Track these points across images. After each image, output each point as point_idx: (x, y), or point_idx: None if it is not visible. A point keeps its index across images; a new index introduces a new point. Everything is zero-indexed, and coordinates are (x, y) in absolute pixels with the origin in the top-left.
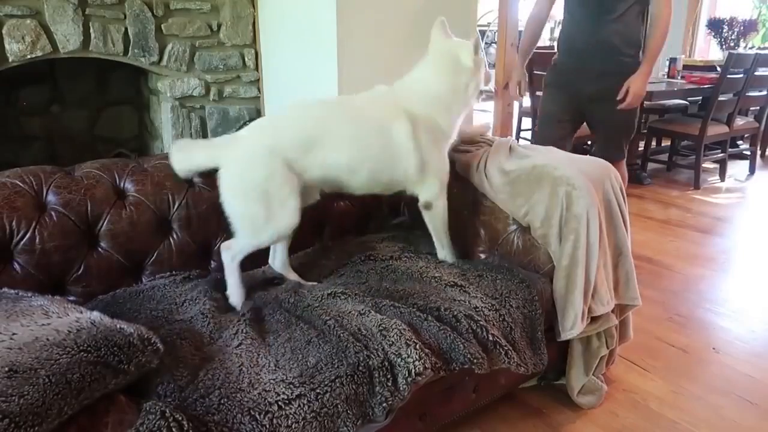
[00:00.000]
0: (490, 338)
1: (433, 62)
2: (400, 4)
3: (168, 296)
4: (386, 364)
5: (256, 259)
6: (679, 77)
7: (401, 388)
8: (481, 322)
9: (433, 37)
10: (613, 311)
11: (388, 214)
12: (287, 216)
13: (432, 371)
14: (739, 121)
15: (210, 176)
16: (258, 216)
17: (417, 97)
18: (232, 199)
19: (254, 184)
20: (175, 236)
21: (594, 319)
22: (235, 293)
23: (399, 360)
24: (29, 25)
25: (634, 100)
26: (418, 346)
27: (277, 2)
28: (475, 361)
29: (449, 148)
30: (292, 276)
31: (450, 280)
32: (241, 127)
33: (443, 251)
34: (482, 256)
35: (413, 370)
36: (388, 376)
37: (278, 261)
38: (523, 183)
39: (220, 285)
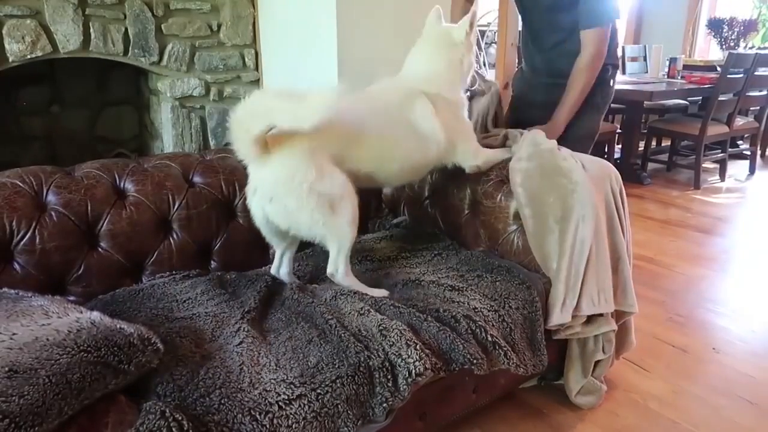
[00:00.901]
0: (489, 339)
1: (427, 44)
2: (400, 3)
3: (168, 294)
4: (387, 364)
5: (255, 258)
6: (679, 77)
7: (401, 389)
8: (480, 323)
9: (427, 23)
10: (613, 315)
11: (387, 214)
12: (352, 201)
13: (432, 372)
14: (739, 121)
15: (211, 174)
16: (326, 217)
17: (421, 78)
18: (292, 212)
19: (308, 188)
20: (175, 236)
21: (590, 320)
22: (373, 291)
23: (399, 360)
24: (29, 25)
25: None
26: (418, 347)
27: (277, 2)
28: (474, 361)
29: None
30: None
31: (448, 284)
32: None
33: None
34: None
35: (414, 371)
36: (389, 377)
37: (284, 270)
38: (533, 173)
39: (221, 283)
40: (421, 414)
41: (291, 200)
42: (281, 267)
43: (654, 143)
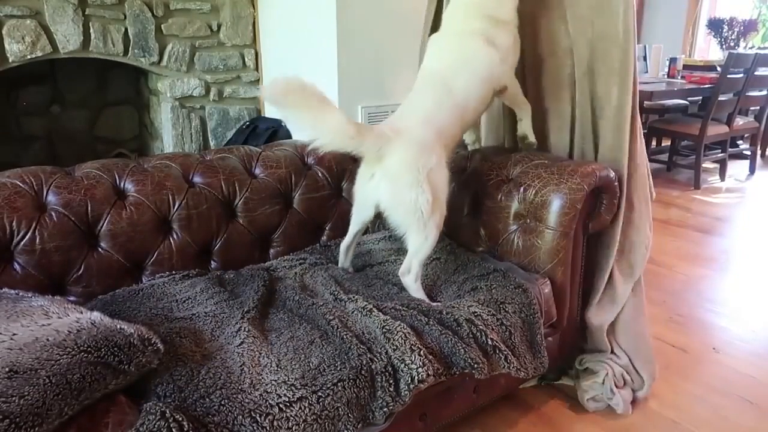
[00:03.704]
0: (490, 343)
1: None
2: (400, 2)
3: (168, 294)
4: (389, 368)
5: (255, 258)
6: (679, 77)
7: (403, 394)
8: (481, 327)
9: None
10: None
11: None
12: (444, 211)
13: (434, 378)
14: (739, 121)
15: (211, 174)
16: (426, 208)
17: (469, 11)
18: (402, 189)
19: (427, 173)
20: (175, 236)
21: None
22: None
23: (402, 366)
24: (29, 26)
25: None
26: (422, 352)
27: (277, 2)
28: (475, 366)
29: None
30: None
31: None
32: (246, 127)
33: (524, 122)
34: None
35: (416, 377)
36: (391, 381)
37: (348, 261)
38: None
39: (220, 282)
40: (421, 414)
41: (407, 178)
42: (351, 245)
43: (654, 143)
